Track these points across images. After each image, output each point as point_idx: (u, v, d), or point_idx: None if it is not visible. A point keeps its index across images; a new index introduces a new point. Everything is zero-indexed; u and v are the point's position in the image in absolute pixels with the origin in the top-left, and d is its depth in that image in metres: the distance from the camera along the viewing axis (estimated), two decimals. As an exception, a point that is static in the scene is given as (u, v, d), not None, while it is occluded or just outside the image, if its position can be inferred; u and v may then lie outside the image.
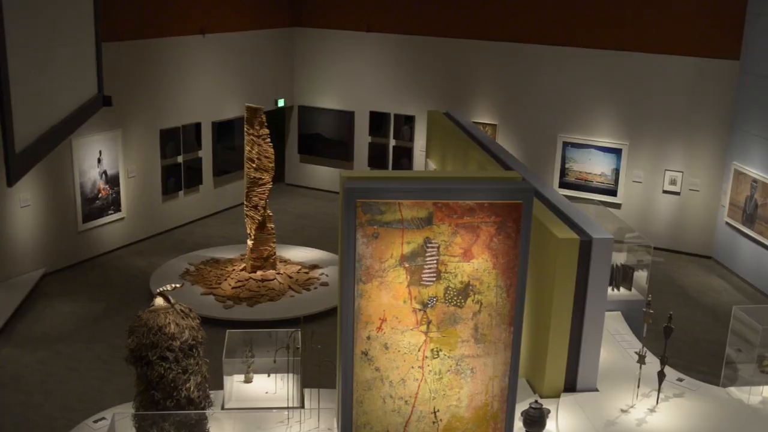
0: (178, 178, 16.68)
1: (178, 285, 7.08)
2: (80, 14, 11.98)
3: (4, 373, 10.54)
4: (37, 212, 13.65)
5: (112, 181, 15.05)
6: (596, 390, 7.61)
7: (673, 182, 16.05)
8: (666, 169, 16.11)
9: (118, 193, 15.24)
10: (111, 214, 15.15)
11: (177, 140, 16.48)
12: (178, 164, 16.64)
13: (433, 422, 6.22)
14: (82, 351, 11.26)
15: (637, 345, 8.19)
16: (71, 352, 11.22)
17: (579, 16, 16.45)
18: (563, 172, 17.00)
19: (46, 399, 9.94)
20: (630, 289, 9.69)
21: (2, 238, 12.91)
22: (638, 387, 7.48)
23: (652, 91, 16.04)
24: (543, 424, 6.64)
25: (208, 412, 6.82)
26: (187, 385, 6.56)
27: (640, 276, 9.85)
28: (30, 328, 11.88)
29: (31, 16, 9.47)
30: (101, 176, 14.78)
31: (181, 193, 16.92)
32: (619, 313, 9.18)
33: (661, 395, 7.43)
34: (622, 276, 9.69)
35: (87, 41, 12.31)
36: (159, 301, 6.75)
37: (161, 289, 6.87)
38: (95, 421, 7.46)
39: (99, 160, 14.68)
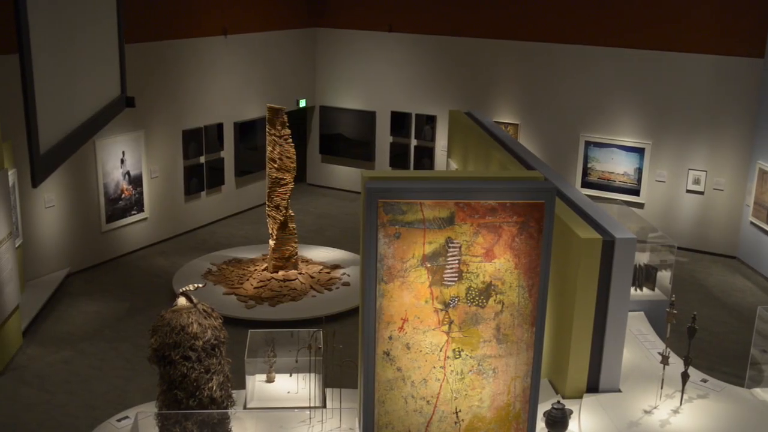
0: (200, 178, 16.77)
1: (200, 285, 7.13)
2: (103, 16, 12.06)
3: (29, 371, 10.64)
4: (62, 213, 13.77)
5: (135, 181, 15.15)
6: (619, 391, 7.57)
7: (696, 181, 15.93)
8: (689, 169, 15.99)
9: (141, 193, 15.34)
10: (134, 214, 15.25)
11: (199, 141, 16.57)
12: (200, 164, 16.72)
13: (455, 422, 6.21)
14: (106, 350, 11.34)
15: (661, 345, 8.14)
16: (95, 351, 11.31)
17: (601, 16, 16.37)
18: (585, 171, 16.92)
19: (71, 398, 10.03)
20: (653, 289, 9.63)
21: (27, 239, 13.03)
22: (661, 388, 7.44)
23: (675, 89, 15.93)
24: (565, 425, 6.61)
25: (230, 411, 6.85)
26: (210, 384, 6.59)
27: (664, 276, 9.79)
28: (54, 328, 11.99)
29: (54, 18, 9.54)
30: (124, 177, 14.88)
31: (203, 193, 17.01)
32: (642, 313, 9.14)
33: (685, 396, 7.37)
34: (645, 276, 9.64)
35: (110, 42, 12.39)
36: (182, 300, 6.79)
37: (184, 288, 6.91)
38: (119, 420, 7.52)
39: (122, 161, 14.79)
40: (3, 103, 11.07)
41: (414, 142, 19.00)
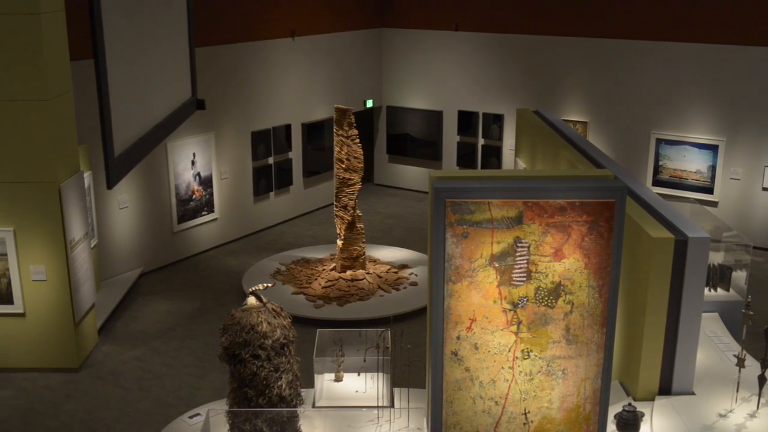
0: (268, 179, 16.96)
1: (269, 284, 7.21)
2: (174, 20, 12.30)
3: (104, 368, 10.91)
4: (135, 213, 14.08)
5: (206, 182, 15.41)
6: (693, 393, 7.41)
7: (773, 179, 15.49)
8: (766, 166, 15.54)
9: (212, 194, 15.59)
10: (205, 215, 15.51)
11: (268, 142, 16.76)
12: (268, 165, 16.92)
13: (524, 423, 6.16)
14: (178, 348, 11.56)
15: (736, 347, 7.95)
16: (167, 349, 11.53)
17: (671, 10, 16.04)
18: (657, 169, 16.60)
19: (144, 394, 10.24)
20: (728, 290, 9.40)
21: (102, 239, 13.36)
22: (737, 391, 7.25)
23: (749, 84, 15.50)
24: (637, 428, 6.51)
25: (299, 409, 6.92)
26: (279, 383, 6.66)
27: (739, 276, 9.55)
28: (128, 326, 12.27)
29: (127, 24, 9.77)
30: (195, 178, 15.15)
31: (271, 193, 17.20)
32: (717, 314, 8.93)
33: (762, 400, 7.18)
34: (719, 276, 9.42)
35: (181, 46, 12.63)
36: (251, 300, 6.88)
37: (253, 288, 7.00)
38: (190, 417, 7.67)
39: (193, 162, 15.05)
40: (79, 108, 11.36)
41: (481, 142, 18.90)
